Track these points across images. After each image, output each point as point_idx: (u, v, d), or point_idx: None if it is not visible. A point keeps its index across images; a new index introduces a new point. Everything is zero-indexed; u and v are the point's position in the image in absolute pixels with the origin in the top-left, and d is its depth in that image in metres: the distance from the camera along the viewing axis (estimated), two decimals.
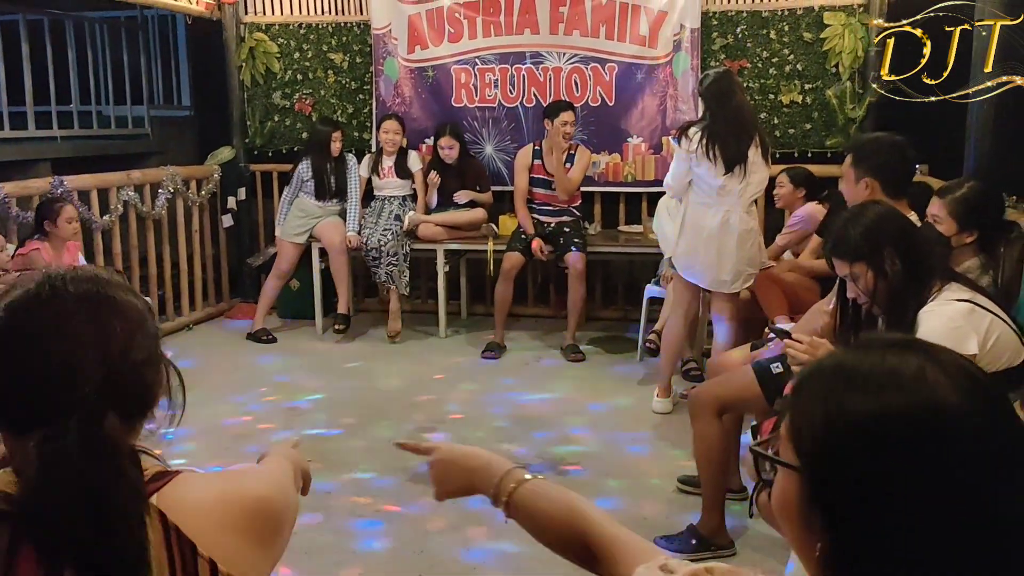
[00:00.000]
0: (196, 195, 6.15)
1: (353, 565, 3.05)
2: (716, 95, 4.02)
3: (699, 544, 3.04)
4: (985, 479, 0.76)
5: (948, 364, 0.82)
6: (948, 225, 2.91)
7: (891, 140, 2.98)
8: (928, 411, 0.78)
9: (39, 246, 4.45)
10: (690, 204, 4.12)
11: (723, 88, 4.06)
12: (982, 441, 0.77)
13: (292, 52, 6.40)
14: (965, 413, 0.78)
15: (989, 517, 0.76)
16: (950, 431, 0.77)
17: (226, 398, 4.72)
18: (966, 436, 0.77)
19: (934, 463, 0.76)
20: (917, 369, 0.80)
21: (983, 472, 0.77)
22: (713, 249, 4.06)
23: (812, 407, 0.83)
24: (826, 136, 5.79)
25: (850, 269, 2.35)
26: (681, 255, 4.18)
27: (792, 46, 5.77)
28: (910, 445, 0.77)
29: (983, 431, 0.78)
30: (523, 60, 6.01)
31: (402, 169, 5.90)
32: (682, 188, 4.12)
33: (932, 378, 0.79)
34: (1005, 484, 0.76)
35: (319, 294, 5.98)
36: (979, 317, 2.25)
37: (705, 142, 3.96)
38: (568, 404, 4.62)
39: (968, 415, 0.78)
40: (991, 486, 0.76)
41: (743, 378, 2.92)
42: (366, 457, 3.94)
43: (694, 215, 4.11)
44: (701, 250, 4.09)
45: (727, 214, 4.04)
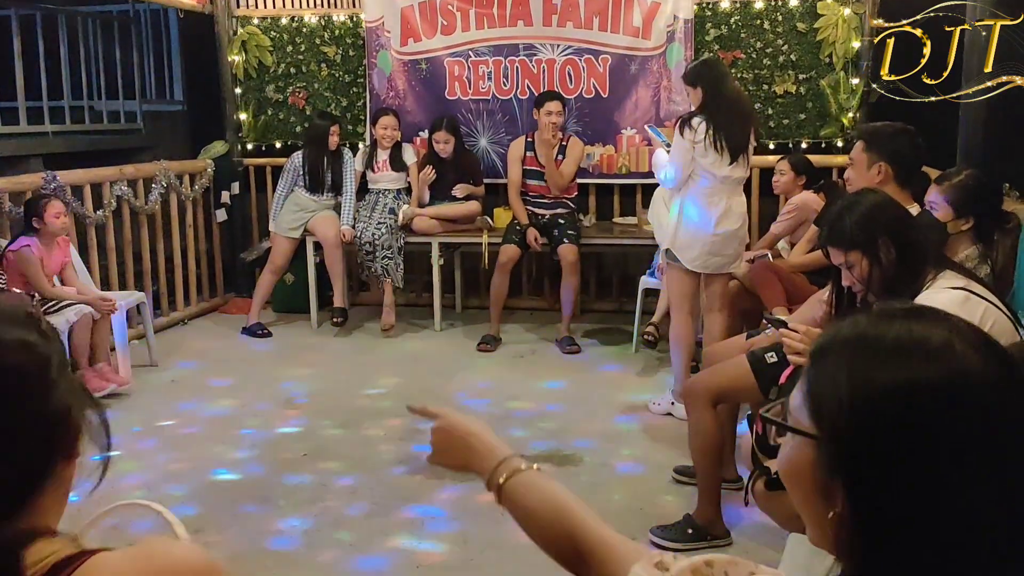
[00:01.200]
0: (189, 190, 6.14)
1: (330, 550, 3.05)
2: (713, 81, 3.94)
3: (695, 534, 3.05)
4: (1010, 444, 0.78)
5: (968, 333, 0.83)
6: (944, 211, 2.92)
7: (904, 128, 3.02)
8: (957, 380, 0.79)
9: (29, 243, 4.43)
10: (690, 194, 4.02)
11: (720, 73, 4.03)
12: (1008, 408, 0.79)
13: (285, 45, 6.38)
14: (991, 381, 0.79)
15: (1014, 484, 0.77)
16: (977, 399, 0.78)
17: (220, 392, 4.71)
18: (992, 404, 0.78)
19: (962, 431, 0.77)
20: (944, 339, 0.81)
21: (1008, 438, 0.78)
22: (719, 237, 4.02)
23: (835, 376, 0.82)
24: (820, 126, 5.79)
25: (845, 257, 2.35)
26: (682, 246, 4.06)
27: (786, 36, 5.76)
28: (940, 414, 0.78)
29: (1008, 399, 0.79)
30: (516, 52, 6.00)
31: (397, 162, 5.89)
32: (683, 179, 4.01)
33: (959, 348, 0.80)
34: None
35: (314, 288, 5.97)
36: (974, 305, 2.25)
37: (712, 133, 3.88)
38: (564, 396, 4.62)
39: (993, 383, 0.79)
40: (1016, 451, 0.78)
41: (738, 368, 2.92)
42: (361, 451, 3.94)
43: (696, 205, 4.01)
44: (705, 239, 4.01)
45: (728, 201, 4.03)
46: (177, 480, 3.66)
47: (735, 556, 0.95)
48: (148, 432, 4.17)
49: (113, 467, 3.45)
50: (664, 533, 3.07)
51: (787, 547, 2.19)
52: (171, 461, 3.85)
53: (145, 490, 3.56)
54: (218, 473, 3.72)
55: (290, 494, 3.52)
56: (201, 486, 3.60)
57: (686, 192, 4.04)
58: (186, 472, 3.73)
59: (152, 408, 4.48)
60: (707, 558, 0.93)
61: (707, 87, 3.95)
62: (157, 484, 3.62)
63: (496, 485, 1.19)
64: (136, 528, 2.98)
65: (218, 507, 3.41)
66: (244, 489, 3.57)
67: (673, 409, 4.25)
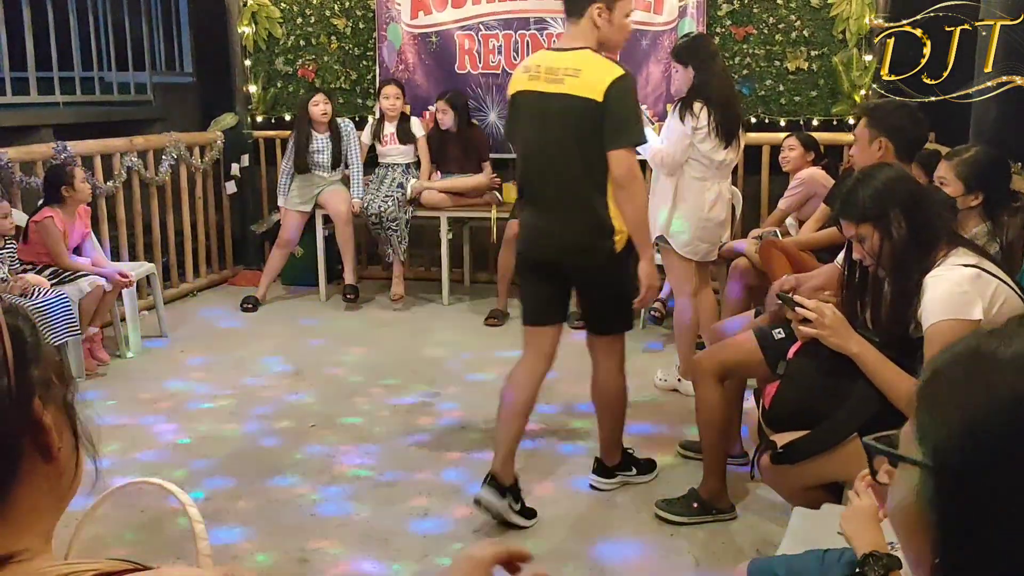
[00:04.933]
0: (199, 161, 6.14)
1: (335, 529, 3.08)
2: (705, 59, 3.84)
3: (700, 508, 3.06)
4: None
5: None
6: (955, 187, 2.91)
7: (905, 104, 3.02)
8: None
9: (52, 213, 4.45)
10: (685, 179, 3.92)
11: (711, 51, 3.95)
12: None
13: (295, 17, 6.35)
14: None
15: None
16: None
17: (229, 364, 4.74)
18: None
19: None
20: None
21: None
22: (711, 224, 3.98)
23: (949, 397, 0.75)
24: (832, 103, 5.75)
25: (856, 230, 2.35)
26: (678, 233, 3.99)
27: (799, 12, 5.71)
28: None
29: None
30: (527, 26, 5.96)
31: (405, 135, 5.87)
32: (679, 165, 3.89)
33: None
34: None
35: (323, 262, 5.98)
36: (985, 282, 2.24)
37: (714, 119, 3.79)
38: (571, 371, 4.62)
39: None
40: None
41: (745, 343, 2.93)
42: (368, 424, 3.96)
43: (693, 192, 3.93)
44: (697, 225, 3.96)
45: (720, 186, 4.00)
46: (187, 451, 3.69)
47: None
48: (157, 402, 4.20)
49: (122, 439, 3.49)
50: (669, 507, 3.09)
51: (791, 521, 2.21)
52: (179, 432, 3.88)
53: (153, 461, 3.59)
54: (227, 443, 3.75)
55: (300, 464, 3.54)
56: (210, 457, 3.63)
57: (679, 178, 3.93)
58: (195, 443, 3.76)
59: (161, 378, 4.52)
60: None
61: (698, 66, 3.83)
62: (166, 455, 3.66)
63: None
64: (146, 502, 3.02)
65: (228, 478, 3.44)
66: (254, 460, 3.60)
67: (679, 385, 4.27)
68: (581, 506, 3.21)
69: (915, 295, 2.28)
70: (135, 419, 3.98)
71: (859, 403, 2.34)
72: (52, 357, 0.85)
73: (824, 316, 2.37)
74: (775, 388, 2.52)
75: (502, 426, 3.12)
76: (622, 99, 2.87)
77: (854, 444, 2.28)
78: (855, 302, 2.50)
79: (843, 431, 2.33)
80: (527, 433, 3.30)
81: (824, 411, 2.39)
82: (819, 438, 2.37)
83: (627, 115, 2.90)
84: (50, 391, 0.82)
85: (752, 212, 5.63)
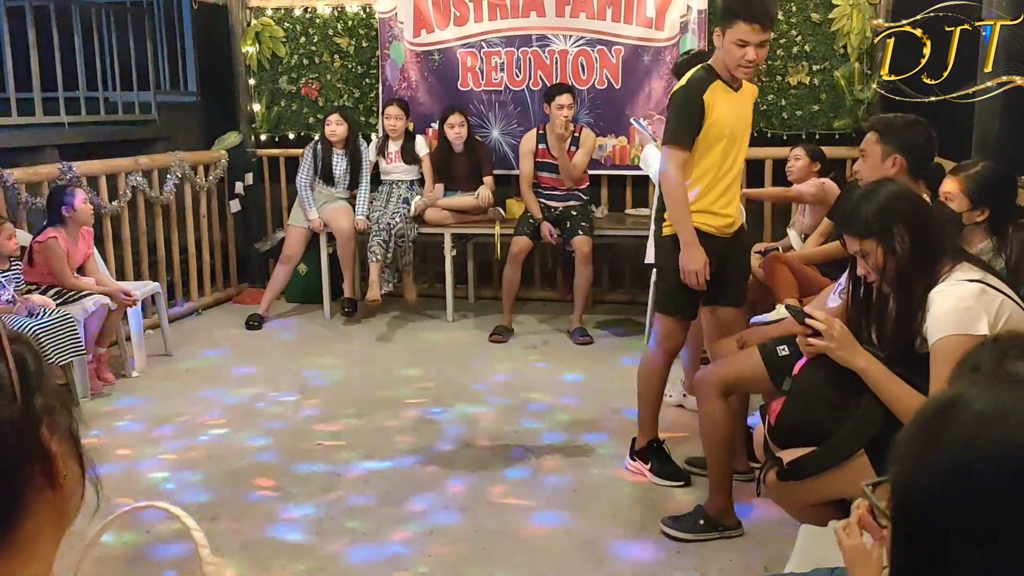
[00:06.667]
0: (204, 180, 6.16)
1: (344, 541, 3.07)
2: None
3: (706, 525, 3.05)
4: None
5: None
6: (960, 202, 2.91)
7: (918, 120, 3.01)
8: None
9: (55, 234, 4.46)
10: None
11: None
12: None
13: (298, 36, 6.39)
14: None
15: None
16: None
17: (234, 381, 4.74)
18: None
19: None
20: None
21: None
22: None
23: (906, 449, 0.77)
24: (833, 118, 5.76)
25: (860, 246, 2.35)
26: None
27: (800, 27, 5.73)
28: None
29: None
30: (529, 43, 5.99)
31: (408, 154, 5.89)
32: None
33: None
34: None
35: (327, 279, 5.99)
36: (990, 298, 2.24)
37: None
38: (576, 386, 4.63)
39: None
40: None
41: (749, 359, 2.92)
42: (372, 441, 3.96)
43: None
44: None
45: None
46: (191, 468, 3.68)
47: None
48: (163, 420, 4.20)
49: (129, 456, 3.49)
50: (676, 524, 3.08)
51: (799, 539, 2.20)
52: (185, 449, 3.88)
53: (159, 478, 3.59)
54: (232, 461, 3.75)
55: (303, 483, 3.54)
56: (215, 474, 3.62)
57: None
58: (200, 460, 3.76)
59: (167, 397, 4.52)
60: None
61: None
62: (171, 472, 3.65)
63: None
64: (148, 522, 3.02)
65: (232, 495, 3.44)
66: (258, 477, 3.60)
67: (684, 401, 4.26)
68: (587, 522, 3.20)
69: (920, 310, 2.28)
70: (140, 438, 3.98)
71: (865, 419, 2.32)
72: (55, 384, 0.85)
73: (833, 329, 2.36)
74: (780, 404, 2.51)
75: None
76: (670, 104, 3.39)
77: (861, 460, 2.27)
78: (860, 318, 2.50)
79: (849, 447, 2.32)
80: (533, 448, 3.27)
81: (830, 427, 2.37)
82: (825, 454, 2.36)
83: (668, 119, 3.38)
84: (55, 418, 0.82)
85: (755, 226, 5.63)
